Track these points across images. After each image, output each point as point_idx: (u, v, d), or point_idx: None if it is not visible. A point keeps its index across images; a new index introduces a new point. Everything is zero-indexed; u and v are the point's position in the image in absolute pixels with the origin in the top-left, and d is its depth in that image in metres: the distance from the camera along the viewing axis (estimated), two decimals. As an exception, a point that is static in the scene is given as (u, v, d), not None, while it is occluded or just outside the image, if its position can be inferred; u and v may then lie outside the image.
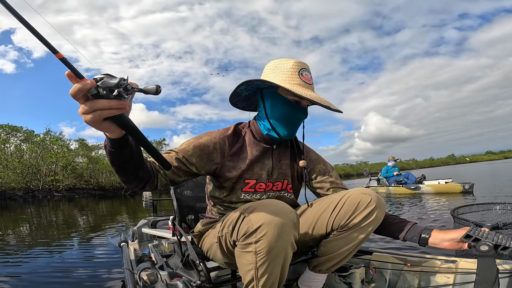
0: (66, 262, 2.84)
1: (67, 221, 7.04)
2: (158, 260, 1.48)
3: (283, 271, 0.86)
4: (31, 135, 23.28)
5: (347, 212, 0.96)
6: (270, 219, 0.79)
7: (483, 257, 0.87)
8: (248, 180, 1.07)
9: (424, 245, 1.00)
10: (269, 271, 0.82)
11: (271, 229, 0.78)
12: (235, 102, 1.14)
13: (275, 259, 0.81)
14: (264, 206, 0.83)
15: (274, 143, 1.11)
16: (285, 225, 0.80)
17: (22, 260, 3.04)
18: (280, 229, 0.79)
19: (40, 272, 2.47)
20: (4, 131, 22.31)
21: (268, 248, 0.79)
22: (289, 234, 0.81)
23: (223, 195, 1.08)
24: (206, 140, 1.02)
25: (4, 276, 2.34)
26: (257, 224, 0.80)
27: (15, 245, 3.92)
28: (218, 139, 1.04)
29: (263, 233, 0.79)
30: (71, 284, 2.14)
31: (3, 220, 7.76)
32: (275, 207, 0.83)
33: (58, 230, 5.35)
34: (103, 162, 25.13)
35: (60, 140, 24.96)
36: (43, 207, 12.24)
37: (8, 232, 5.37)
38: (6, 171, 18.77)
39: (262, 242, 0.79)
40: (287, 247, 0.82)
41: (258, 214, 0.81)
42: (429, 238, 0.98)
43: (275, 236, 0.78)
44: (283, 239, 0.80)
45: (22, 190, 19.58)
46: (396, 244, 2.85)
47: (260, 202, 0.86)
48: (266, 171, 1.09)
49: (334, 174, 1.20)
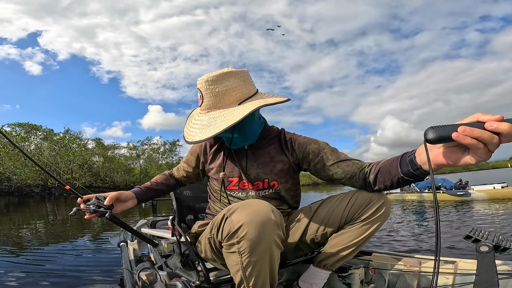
0: (66, 261, 2.83)
1: (73, 220, 7.04)
2: (157, 260, 1.47)
3: (273, 271, 0.86)
4: (50, 133, 23.73)
5: (360, 206, 1.02)
6: (251, 219, 0.80)
7: (483, 258, 0.87)
8: (231, 178, 1.16)
9: (418, 169, 0.77)
10: (257, 272, 0.83)
11: (251, 229, 0.79)
12: None
13: (261, 259, 0.81)
14: (246, 207, 0.84)
15: (245, 145, 1.15)
16: (266, 224, 0.80)
17: (22, 258, 3.04)
18: (261, 228, 0.79)
19: (40, 271, 2.47)
20: (24, 129, 22.82)
21: (251, 247, 0.80)
22: (271, 233, 0.81)
23: (215, 193, 1.21)
24: (195, 147, 1.24)
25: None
26: (238, 224, 0.81)
27: (14, 242, 3.91)
28: (199, 144, 1.22)
29: (244, 233, 0.79)
30: (69, 284, 2.14)
31: (17, 216, 7.74)
32: (256, 207, 0.83)
33: (64, 228, 5.35)
34: (118, 161, 25.51)
35: (79, 139, 25.58)
36: (58, 204, 12.35)
37: (13, 227, 5.36)
38: (23, 168, 19.08)
39: (244, 242, 0.80)
40: (271, 246, 0.82)
41: (239, 214, 0.82)
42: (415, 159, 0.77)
43: (256, 236, 0.79)
44: (265, 238, 0.80)
45: (39, 187, 20.00)
46: (395, 245, 2.85)
47: (243, 202, 0.87)
48: (242, 170, 1.14)
49: (329, 149, 1.10)
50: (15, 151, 19.29)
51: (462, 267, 1.08)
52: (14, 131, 22.42)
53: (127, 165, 27.31)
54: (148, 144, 32.83)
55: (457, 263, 1.11)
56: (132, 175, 26.01)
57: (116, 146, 31.83)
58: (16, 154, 19.44)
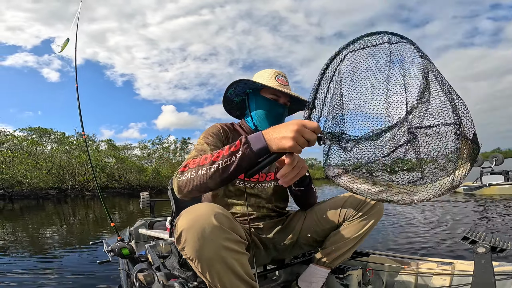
0: (65, 261, 2.82)
1: (82, 221, 7.00)
2: (155, 261, 1.47)
3: (240, 276, 0.80)
4: (62, 137, 24.23)
5: (357, 204, 1.11)
6: (190, 225, 0.76)
7: (480, 259, 0.87)
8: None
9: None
10: (218, 278, 0.78)
11: (190, 235, 0.75)
12: (230, 110, 1.32)
13: (213, 265, 0.76)
14: (189, 212, 0.80)
15: None
16: (205, 230, 0.75)
17: (23, 258, 3.01)
18: (200, 234, 0.74)
19: (39, 271, 2.45)
20: (35, 133, 23.38)
21: (195, 254, 0.75)
22: (214, 238, 0.75)
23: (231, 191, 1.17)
24: (215, 129, 1.16)
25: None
26: (179, 230, 0.77)
27: (11, 244, 3.88)
28: (220, 128, 1.17)
29: (184, 239, 0.76)
30: (66, 285, 2.12)
31: (35, 218, 7.66)
32: (198, 212, 0.79)
33: (71, 231, 5.32)
34: (130, 162, 26.02)
35: (92, 141, 26.27)
36: (73, 206, 12.36)
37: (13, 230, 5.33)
38: (36, 171, 19.39)
39: (187, 249, 0.76)
40: (218, 252, 0.76)
41: (182, 219, 0.78)
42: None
43: (196, 242, 0.74)
44: (207, 244, 0.75)
45: (55, 189, 20.24)
46: (393, 246, 2.86)
47: (190, 207, 0.83)
48: None
49: None
50: (24, 155, 19.60)
51: (459, 268, 1.09)
52: (29, 135, 23.04)
53: (140, 165, 27.72)
54: (159, 143, 33.17)
55: (454, 264, 1.12)
56: (145, 175, 26.39)
57: (129, 147, 32.40)
58: (26, 158, 19.63)
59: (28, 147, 21.05)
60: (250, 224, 1.15)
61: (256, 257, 1.11)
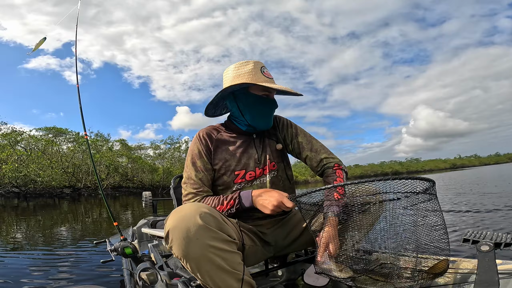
0: (64, 261, 2.84)
1: (95, 219, 7.06)
2: (158, 260, 1.47)
3: (232, 277, 0.80)
4: (77, 136, 24.81)
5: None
6: (175, 225, 0.78)
7: (484, 257, 0.87)
8: (238, 172, 1.16)
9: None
10: (209, 279, 0.79)
11: (175, 235, 0.77)
12: (212, 114, 1.31)
13: (201, 264, 0.77)
14: (177, 211, 0.81)
15: (253, 133, 1.21)
16: (190, 229, 0.76)
17: (24, 256, 3.04)
18: (185, 234, 0.76)
19: (39, 270, 2.47)
20: (51, 132, 23.85)
21: (182, 253, 0.77)
22: (199, 237, 0.76)
23: (219, 187, 1.18)
24: (196, 148, 1.18)
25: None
26: (166, 230, 0.79)
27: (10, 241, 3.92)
28: (200, 144, 1.18)
29: (171, 239, 0.78)
30: (68, 283, 2.14)
31: (47, 216, 7.74)
32: (183, 212, 0.80)
33: (82, 228, 5.36)
34: (142, 161, 26.52)
35: (107, 141, 27.01)
36: (85, 205, 12.49)
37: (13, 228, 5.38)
38: (49, 170, 19.74)
39: (174, 248, 0.78)
40: (204, 252, 0.77)
41: (169, 219, 0.80)
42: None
43: (182, 242, 0.76)
44: (193, 244, 0.76)
45: (70, 188, 20.64)
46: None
47: (179, 206, 0.85)
48: (253, 159, 1.17)
49: (303, 137, 1.26)
50: (38, 154, 20.02)
51: (463, 266, 1.08)
52: (45, 135, 23.55)
53: (152, 165, 28.18)
54: (171, 143, 33.73)
55: (457, 262, 1.11)
56: (157, 174, 26.78)
57: (142, 147, 33.04)
58: (40, 157, 19.90)
59: (43, 146, 21.49)
60: (251, 222, 1.16)
61: (255, 255, 1.12)
